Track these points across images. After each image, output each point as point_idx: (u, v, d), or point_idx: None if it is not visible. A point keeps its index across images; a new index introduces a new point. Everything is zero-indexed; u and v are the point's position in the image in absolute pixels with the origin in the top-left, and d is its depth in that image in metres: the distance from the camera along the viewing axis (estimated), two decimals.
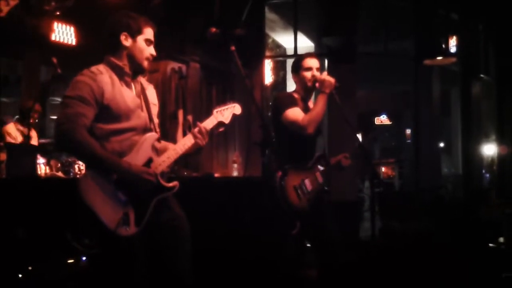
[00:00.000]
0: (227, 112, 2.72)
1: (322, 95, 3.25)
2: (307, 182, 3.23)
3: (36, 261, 3.59)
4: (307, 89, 3.41)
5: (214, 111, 2.70)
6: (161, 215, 2.49)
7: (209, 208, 4.01)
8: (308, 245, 3.65)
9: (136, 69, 2.57)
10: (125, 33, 2.51)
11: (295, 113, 3.24)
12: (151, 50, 2.57)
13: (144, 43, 2.54)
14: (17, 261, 3.53)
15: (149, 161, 2.48)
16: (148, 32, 2.56)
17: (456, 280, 4.41)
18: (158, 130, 2.63)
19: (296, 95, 3.40)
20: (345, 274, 3.35)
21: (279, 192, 3.09)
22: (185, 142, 2.60)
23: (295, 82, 3.45)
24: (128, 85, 2.54)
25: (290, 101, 3.30)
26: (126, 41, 2.52)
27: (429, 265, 4.59)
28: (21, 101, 6.55)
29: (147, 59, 2.56)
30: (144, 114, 2.57)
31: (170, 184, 2.53)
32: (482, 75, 9.69)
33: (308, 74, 3.35)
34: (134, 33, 2.52)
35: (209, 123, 2.67)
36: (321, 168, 3.35)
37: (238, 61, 2.95)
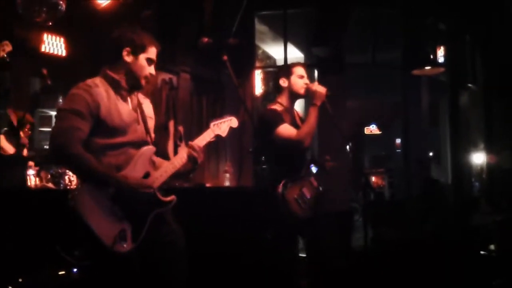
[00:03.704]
0: (224, 125, 2.75)
1: (314, 108, 3.27)
2: (305, 190, 3.28)
3: (26, 273, 3.55)
4: (294, 96, 3.40)
5: (211, 124, 2.72)
6: (157, 229, 2.47)
7: (201, 218, 4.00)
8: (301, 254, 3.66)
9: (133, 85, 2.55)
10: (128, 48, 2.50)
11: (287, 130, 3.25)
12: (151, 70, 2.56)
13: (145, 62, 2.53)
14: (7, 273, 3.49)
15: (146, 175, 2.46)
16: (151, 51, 2.55)
17: None
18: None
19: (279, 108, 3.37)
20: (337, 283, 3.35)
21: (282, 207, 3.13)
22: (182, 156, 2.59)
23: (282, 87, 3.40)
24: (124, 99, 2.52)
25: (276, 117, 3.29)
26: (128, 57, 2.50)
27: (420, 273, 4.59)
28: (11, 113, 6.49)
29: (146, 77, 2.54)
30: (141, 127, 2.56)
31: (168, 199, 2.51)
32: (470, 85, 9.78)
33: (300, 82, 3.36)
34: (137, 50, 2.51)
35: (206, 137, 2.68)
36: (313, 172, 3.39)
37: (231, 70, 2.97)
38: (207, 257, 3.84)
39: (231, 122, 2.78)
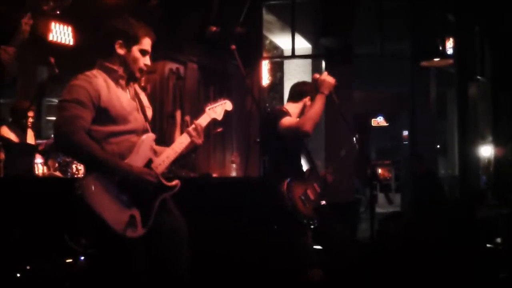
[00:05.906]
0: (219, 108, 2.75)
1: (321, 96, 3.25)
2: (309, 192, 3.33)
3: (34, 261, 3.57)
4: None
5: (207, 108, 2.71)
6: (160, 217, 2.47)
7: (207, 208, 4.01)
8: (316, 246, 3.67)
9: (129, 77, 2.55)
10: (121, 41, 2.47)
11: (289, 120, 3.28)
12: (145, 61, 2.53)
13: (139, 53, 2.50)
14: (15, 260, 3.52)
15: (149, 162, 2.47)
16: (145, 42, 2.52)
17: (454, 281, 4.42)
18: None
19: (286, 110, 3.44)
20: (347, 275, 3.37)
21: (289, 203, 3.18)
22: (182, 141, 2.59)
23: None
24: (123, 88, 2.53)
25: (281, 113, 3.35)
26: (121, 50, 2.48)
27: (427, 266, 4.59)
28: (16, 102, 6.50)
29: (140, 69, 2.53)
30: (141, 116, 2.56)
31: (172, 183, 2.52)
32: (478, 77, 9.72)
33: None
34: (130, 43, 2.48)
35: (202, 121, 2.68)
36: (316, 179, 3.45)
37: (239, 60, 2.96)
38: (213, 248, 3.85)
39: (226, 105, 2.78)
